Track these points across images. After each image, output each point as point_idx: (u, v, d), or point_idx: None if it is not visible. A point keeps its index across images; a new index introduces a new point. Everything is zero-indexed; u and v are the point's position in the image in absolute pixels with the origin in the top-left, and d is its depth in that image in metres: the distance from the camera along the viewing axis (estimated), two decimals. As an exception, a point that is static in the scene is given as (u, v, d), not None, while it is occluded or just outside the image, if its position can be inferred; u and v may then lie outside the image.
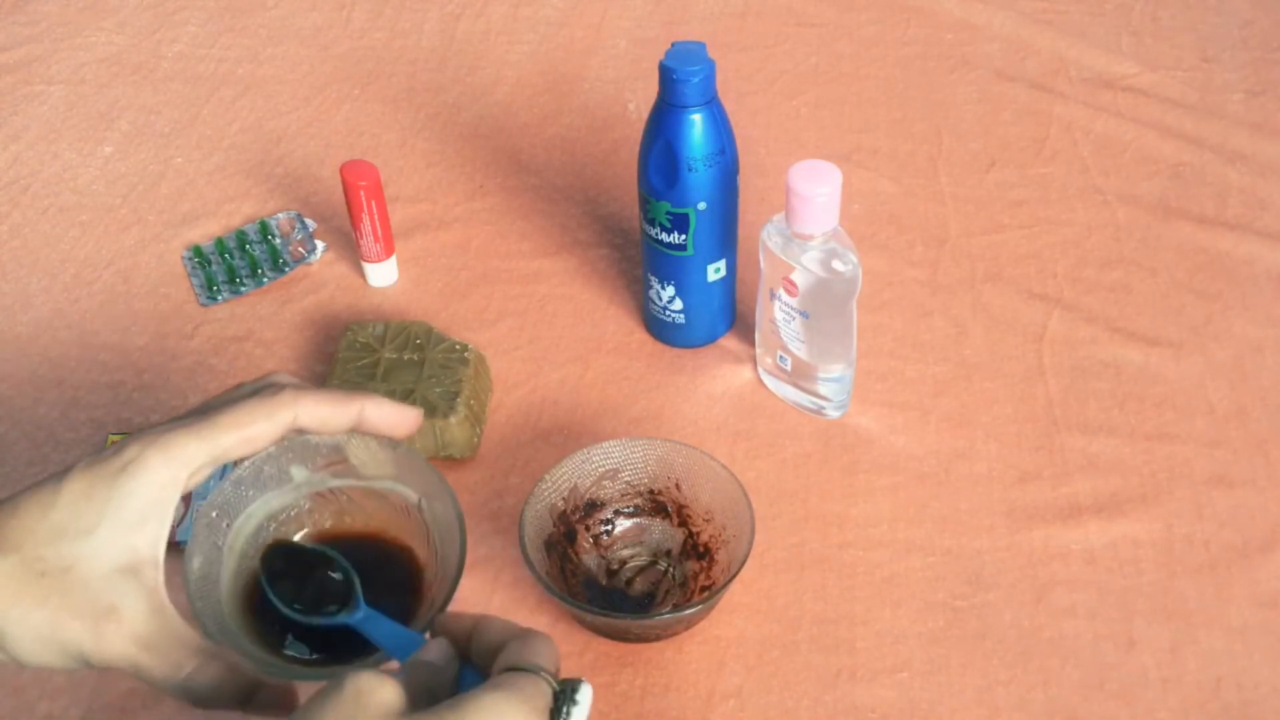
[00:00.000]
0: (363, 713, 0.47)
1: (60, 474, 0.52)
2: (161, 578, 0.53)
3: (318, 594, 0.58)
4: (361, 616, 0.56)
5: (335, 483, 0.61)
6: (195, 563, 0.56)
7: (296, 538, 0.61)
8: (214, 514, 0.58)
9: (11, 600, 0.51)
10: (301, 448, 0.60)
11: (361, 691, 0.47)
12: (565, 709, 0.50)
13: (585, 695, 0.51)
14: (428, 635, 0.55)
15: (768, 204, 0.96)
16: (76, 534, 0.51)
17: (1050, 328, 0.93)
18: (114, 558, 0.51)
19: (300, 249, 1.02)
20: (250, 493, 0.59)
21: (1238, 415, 0.87)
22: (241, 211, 1.07)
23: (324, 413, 0.56)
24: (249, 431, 0.54)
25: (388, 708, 0.47)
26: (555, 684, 0.50)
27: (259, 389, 0.56)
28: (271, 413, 0.54)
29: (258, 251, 1.02)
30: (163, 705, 0.73)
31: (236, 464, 0.58)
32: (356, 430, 0.58)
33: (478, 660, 0.53)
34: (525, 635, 0.52)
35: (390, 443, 0.60)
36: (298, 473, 0.60)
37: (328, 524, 0.62)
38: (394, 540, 0.62)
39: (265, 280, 0.99)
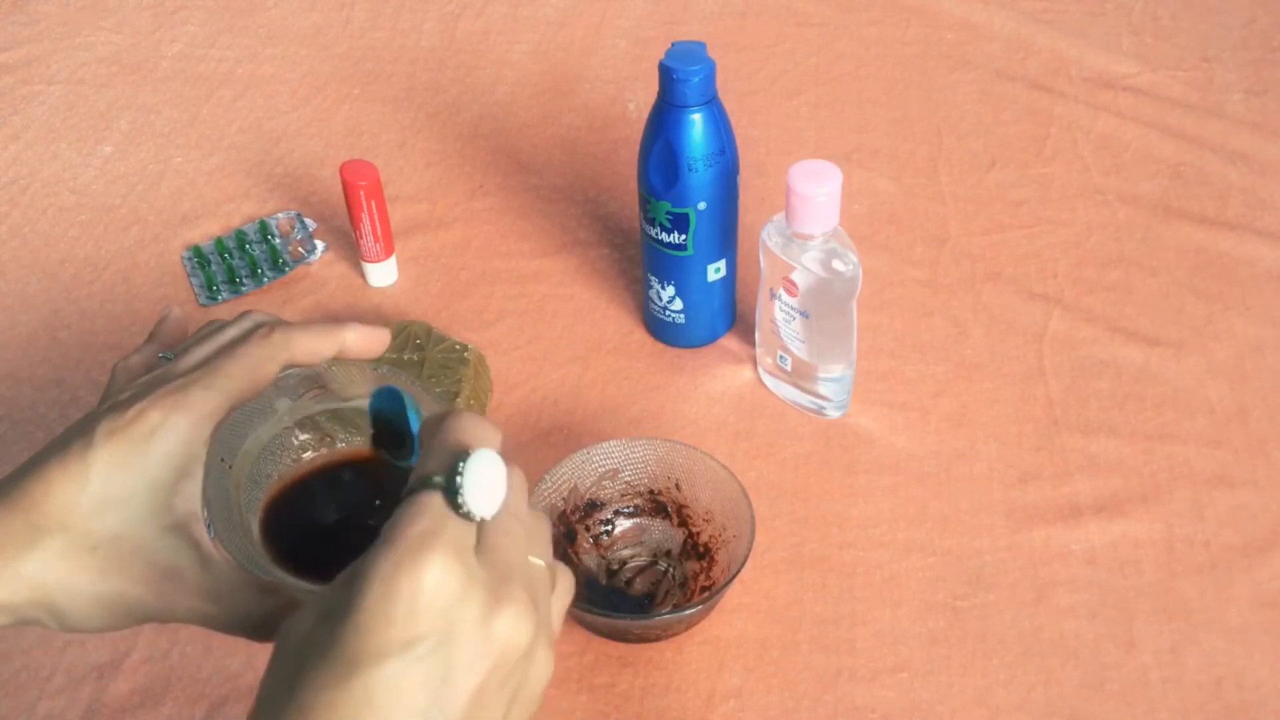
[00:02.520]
0: (283, 654, 0.45)
1: (82, 442, 0.52)
2: (204, 530, 0.54)
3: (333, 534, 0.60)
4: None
5: (318, 407, 0.63)
6: (215, 509, 0.57)
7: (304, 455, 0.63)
8: (219, 459, 0.59)
9: (71, 577, 0.52)
10: (284, 381, 0.61)
11: (281, 634, 0.46)
12: (458, 499, 0.45)
13: (476, 469, 0.45)
14: None
15: (768, 204, 0.96)
16: (117, 503, 0.52)
17: (1050, 328, 0.93)
18: (158, 520, 0.53)
19: (300, 249, 1.02)
20: (243, 431, 0.61)
21: (1238, 415, 0.87)
22: (241, 211, 1.07)
23: (314, 346, 0.58)
24: (256, 376, 0.56)
25: (301, 637, 0.45)
26: (439, 480, 0.45)
27: (247, 331, 0.58)
28: (273, 355, 0.56)
29: (257, 251, 1.02)
30: (163, 705, 0.73)
31: None
32: (341, 356, 0.60)
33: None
34: (435, 427, 0.48)
35: (370, 364, 0.62)
36: (282, 405, 0.62)
37: (316, 450, 0.64)
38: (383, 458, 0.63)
39: (265, 280, 0.99)
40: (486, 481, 0.46)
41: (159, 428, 0.53)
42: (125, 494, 0.52)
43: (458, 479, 0.45)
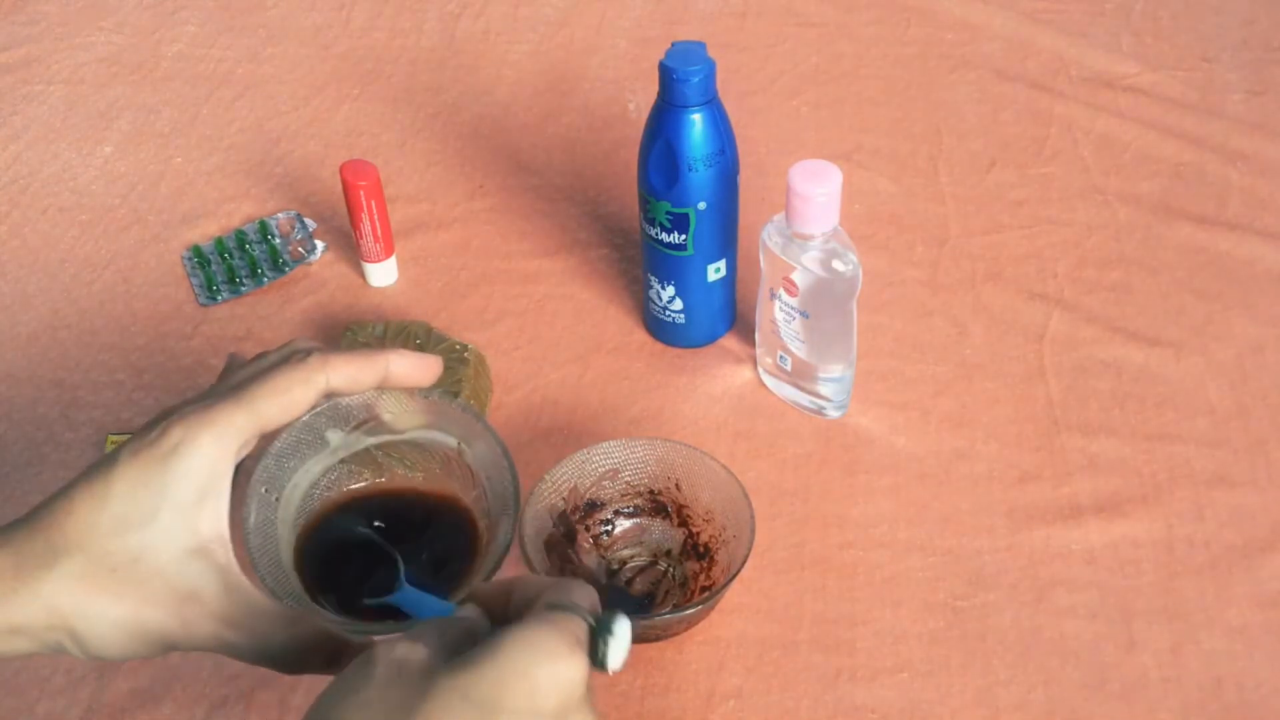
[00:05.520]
0: (398, 677, 0.47)
1: (107, 464, 0.52)
2: (231, 554, 0.53)
3: (364, 570, 0.59)
4: (401, 596, 0.57)
5: (371, 440, 0.61)
6: (254, 540, 0.56)
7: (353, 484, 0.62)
8: (263, 489, 0.58)
9: (88, 599, 0.50)
10: (334, 411, 0.60)
11: (394, 658, 0.47)
12: (603, 641, 0.49)
13: (622, 628, 0.50)
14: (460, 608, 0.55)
15: (768, 204, 0.96)
16: (138, 524, 0.51)
17: (1050, 328, 0.93)
18: (180, 542, 0.51)
19: (300, 249, 1.02)
20: (291, 464, 0.59)
21: (1238, 415, 0.87)
22: (241, 211, 1.07)
23: (353, 371, 0.56)
24: (288, 398, 0.54)
25: (421, 666, 0.47)
26: (590, 619, 0.50)
27: (286, 356, 0.56)
28: (307, 377, 0.55)
29: (257, 251, 1.02)
30: (163, 705, 0.73)
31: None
32: (384, 385, 0.58)
33: (517, 615, 0.52)
34: (561, 581, 0.52)
35: (420, 392, 0.61)
36: (333, 437, 0.61)
37: (368, 483, 0.63)
38: (436, 493, 0.62)
39: (265, 280, 0.99)
40: (625, 643, 0.50)
41: (180, 444, 0.51)
42: (146, 513, 0.51)
43: (611, 628, 0.50)
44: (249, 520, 0.56)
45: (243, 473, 0.56)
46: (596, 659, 0.49)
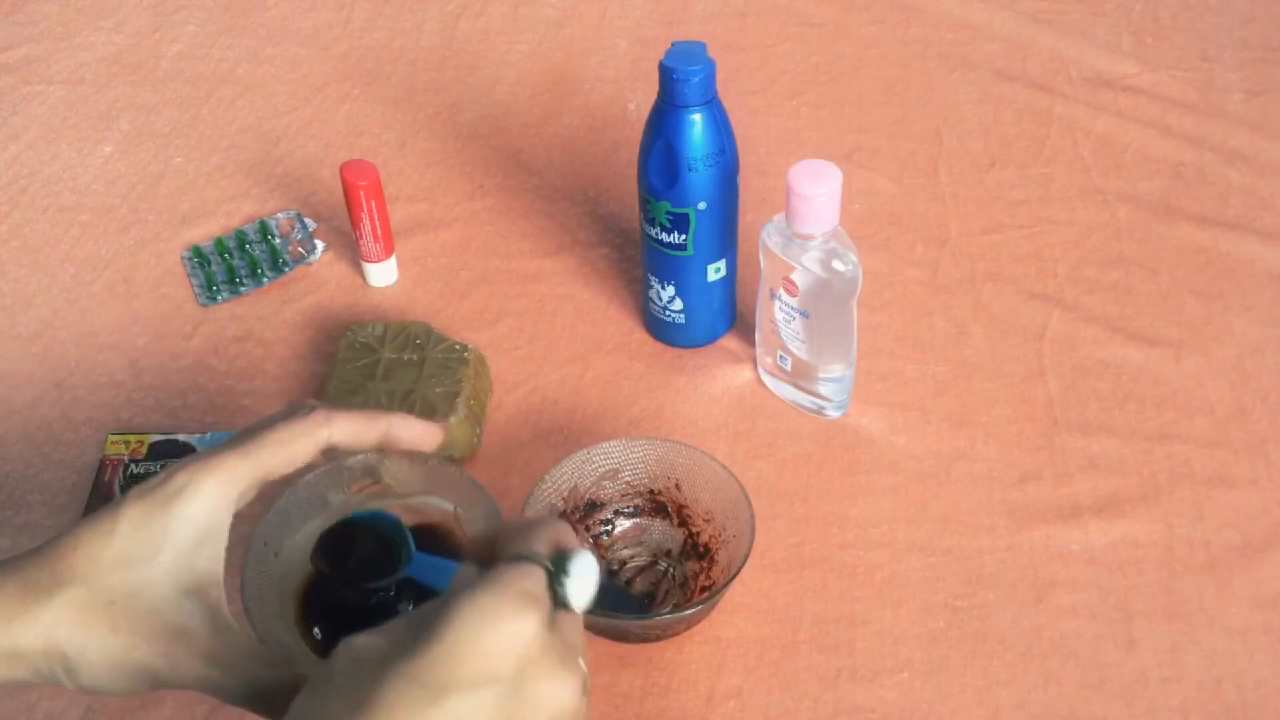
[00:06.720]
0: (355, 672, 0.48)
1: (114, 505, 0.55)
2: (224, 596, 0.55)
3: (370, 565, 0.59)
4: (416, 567, 0.57)
5: (372, 505, 0.62)
6: (250, 589, 0.58)
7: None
8: (262, 544, 0.60)
9: (83, 630, 0.53)
10: (336, 473, 0.61)
11: (351, 655, 0.48)
12: (560, 583, 0.50)
13: (581, 566, 0.50)
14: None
15: (768, 204, 0.96)
16: (139, 561, 0.53)
17: (1050, 328, 0.93)
18: (177, 581, 0.54)
19: (300, 249, 1.02)
20: (293, 522, 0.61)
21: (1238, 415, 0.87)
22: (241, 211, 1.07)
23: (355, 429, 0.59)
24: (291, 449, 0.57)
25: (378, 658, 0.48)
26: (547, 563, 0.50)
27: (292, 411, 0.59)
28: (309, 430, 0.57)
29: (257, 251, 1.02)
30: (163, 706, 0.73)
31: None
32: (385, 445, 0.60)
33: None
34: (525, 526, 0.53)
35: (421, 456, 0.62)
36: (334, 497, 0.62)
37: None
38: (441, 526, 0.63)
39: (265, 280, 0.99)
40: (586, 580, 0.51)
41: (184, 488, 0.54)
42: (147, 552, 0.53)
43: (566, 568, 0.50)
44: (247, 572, 0.58)
45: (243, 524, 0.57)
46: (559, 601, 0.50)
